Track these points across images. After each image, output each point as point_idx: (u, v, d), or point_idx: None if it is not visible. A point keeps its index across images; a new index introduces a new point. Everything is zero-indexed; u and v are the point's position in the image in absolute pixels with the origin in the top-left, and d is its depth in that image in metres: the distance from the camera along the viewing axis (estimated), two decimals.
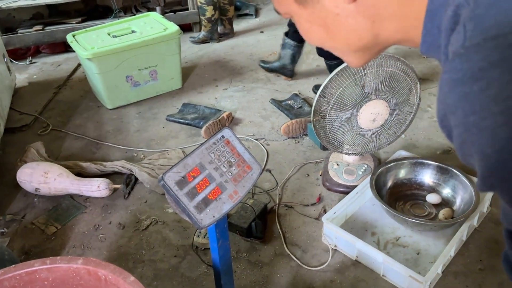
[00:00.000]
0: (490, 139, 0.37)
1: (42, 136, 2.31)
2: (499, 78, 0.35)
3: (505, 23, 0.36)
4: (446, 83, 0.40)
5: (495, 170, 0.39)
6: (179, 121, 2.35)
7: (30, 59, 3.22)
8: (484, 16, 0.38)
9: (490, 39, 0.36)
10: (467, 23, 0.39)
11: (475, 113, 0.37)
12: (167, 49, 2.53)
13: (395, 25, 0.49)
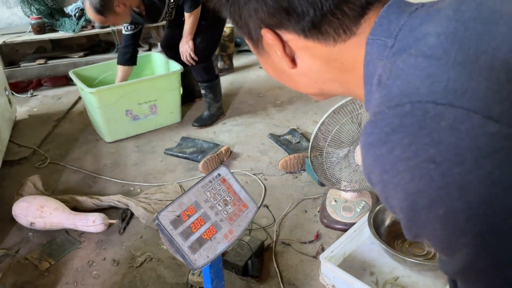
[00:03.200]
0: (403, 194, 0.42)
1: (40, 169, 2.31)
2: (400, 141, 0.40)
3: (405, 94, 0.42)
4: (363, 146, 0.45)
5: (413, 221, 0.43)
6: (177, 155, 2.35)
7: (32, 92, 3.26)
8: (390, 86, 0.44)
9: (392, 108, 0.42)
10: (379, 92, 0.46)
11: (387, 172, 0.42)
12: (168, 84, 2.57)
13: (337, 86, 0.56)
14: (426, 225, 0.43)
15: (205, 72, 2.57)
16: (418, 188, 0.40)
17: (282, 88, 3.20)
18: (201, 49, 2.46)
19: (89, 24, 3.33)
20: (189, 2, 2.30)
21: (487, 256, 0.41)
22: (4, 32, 3.28)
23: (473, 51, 0.42)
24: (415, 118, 0.40)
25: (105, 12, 2.15)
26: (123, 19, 2.29)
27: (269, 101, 3.00)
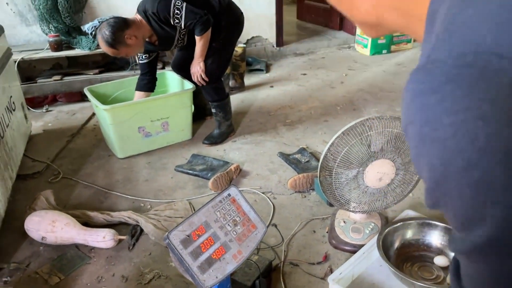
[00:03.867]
0: (439, 151, 0.38)
1: (53, 183, 2.34)
2: (453, 92, 0.37)
3: (469, 43, 0.38)
4: (408, 94, 0.41)
5: (440, 183, 0.40)
6: (188, 172, 2.38)
7: (47, 107, 3.33)
8: (455, 33, 0.39)
9: (453, 57, 0.38)
10: (441, 36, 0.41)
11: (429, 124, 0.38)
12: (180, 102, 2.61)
13: (397, 17, 0.50)
14: (453, 191, 0.39)
15: (215, 92, 2.61)
16: (458, 146, 0.37)
17: (292, 107, 3.22)
18: (211, 71, 2.50)
19: None
20: (199, 26, 2.35)
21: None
22: (22, 49, 3.37)
23: None
24: (475, 70, 0.36)
25: (117, 45, 2.22)
26: (136, 50, 2.36)
27: (279, 120, 3.02)
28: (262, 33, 4.26)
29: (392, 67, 4.03)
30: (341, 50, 4.62)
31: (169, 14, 2.27)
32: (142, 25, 2.32)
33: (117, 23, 2.23)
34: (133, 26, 2.28)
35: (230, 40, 2.59)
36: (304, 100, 3.34)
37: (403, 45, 4.47)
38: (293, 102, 3.31)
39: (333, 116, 3.05)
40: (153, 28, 2.34)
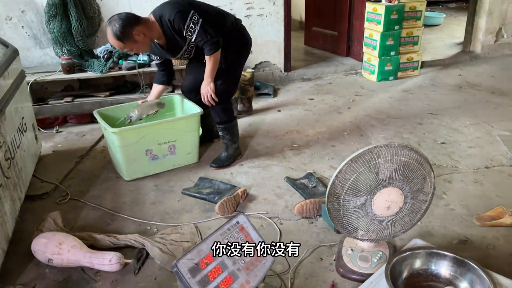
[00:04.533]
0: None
1: (61, 204, 2.36)
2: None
3: None
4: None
5: None
6: (194, 195, 2.38)
7: (57, 128, 3.37)
8: None
9: None
10: None
11: None
12: (187, 126, 2.64)
13: None
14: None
15: (224, 113, 2.64)
16: None
17: (299, 131, 3.24)
18: (221, 91, 2.54)
19: (116, 66, 3.48)
20: (208, 46, 2.39)
21: None
22: (35, 70, 3.44)
23: None
24: None
25: (124, 39, 2.26)
26: (142, 48, 2.39)
27: (286, 144, 3.03)
28: (270, 58, 4.32)
29: (398, 93, 4.05)
30: (348, 76, 4.67)
31: (183, 25, 2.31)
32: (153, 27, 2.36)
33: (128, 18, 2.27)
34: (144, 24, 2.32)
35: (239, 62, 2.64)
36: (311, 125, 3.36)
37: (409, 72, 4.51)
38: (300, 127, 3.33)
39: (340, 141, 3.05)
40: (165, 32, 2.39)
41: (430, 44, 5.64)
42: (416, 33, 4.37)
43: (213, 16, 2.46)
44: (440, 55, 5.13)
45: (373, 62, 4.39)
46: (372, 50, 4.34)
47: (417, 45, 4.44)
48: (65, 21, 3.35)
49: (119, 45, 2.30)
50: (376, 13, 4.17)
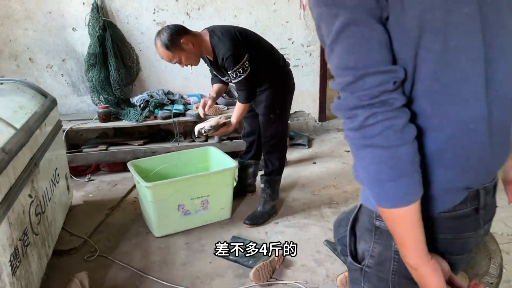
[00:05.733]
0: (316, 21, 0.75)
1: (89, 262, 2.26)
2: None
3: None
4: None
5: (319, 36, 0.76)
6: (228, 257, 2.23)
7: (89, 177, 3.34)
8: None
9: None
10: None
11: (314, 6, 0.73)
12: (222, 180, 2.54)
13: None
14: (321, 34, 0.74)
15: (277, 160, 2.57)
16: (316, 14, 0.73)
17: (336, 187, 3.08)
18: (279, 133, 2.53)
19: (152, 115, 3.47)
20: (242, 95, 2.36)
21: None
22: (72, 118, 3.48)
23: None
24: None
25: (172, 47, 2.21)
26: (191, 59, 2.31)
27: (323, 200, 2.87)
28: (305, 108, 4.24)
29: None
30: None
31: (232, 68, 2.26)
32: (203, 43, 2.31)
33: (177, 27, 2.26)
34: (193, 35, 2.28)
35: (286, 104, 2.58)
36: (350, 180, 3.19)
37: None
38: (338, 182, 3.17)
39: None
40: (214, 53, 2.33)
41: None
42: None
43: (265, 54, 2.43)
44: None
45: None
46: None
47: None
48: (104, 70, 3.40)
49: (168, 55, 2.25)
50: None
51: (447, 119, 0.73)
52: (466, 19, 0.69)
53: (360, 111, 0.69)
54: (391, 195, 0.71)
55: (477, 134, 0.75)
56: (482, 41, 0.71)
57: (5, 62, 3.39)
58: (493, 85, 0.74)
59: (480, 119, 0.74)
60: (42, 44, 3.41)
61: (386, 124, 0.68)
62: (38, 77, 3.49)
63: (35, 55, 3.43)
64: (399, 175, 0.70)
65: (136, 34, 3.57)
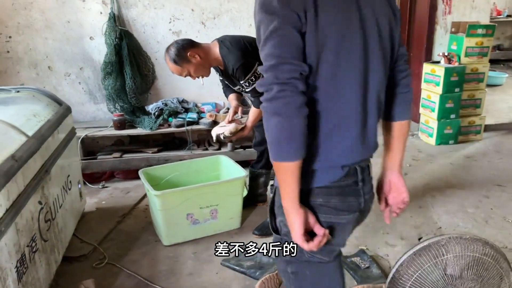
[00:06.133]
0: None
1: (97, 269, 2.27)
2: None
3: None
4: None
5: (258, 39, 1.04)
6: (234, 268, 2.21)
7: (103, 184, 3.38)
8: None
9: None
10: None
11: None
12: (231, 190, 2.52)
13: None
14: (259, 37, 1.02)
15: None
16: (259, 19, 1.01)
17: None
18: None
19: (166, 123, 3.49)
20: (257, 100, 2.32)
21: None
22: (88, 125, 3.53)
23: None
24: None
25: (180, 61, 2.23)
26: (200, 71, 2.31)
27: None
28: None
29: (460, 159, 3.75)
30: None
31: (244, 77, 2.24)
32: (212, 54, 2.30)
33: (183, 41, 2.28)
34: (199, 47, 2.29)
35: None
36: None
37: (471, 136, 4.19)
38: None
39: None
40: (224, 63, 2.33)
41: (493, 106, 5.29)
42: (478, 96, 4.11)
43: None
44: (505, 119, 4.77)
45: (431, 125, 4.14)
46: (430, 112, 4.11)
47: (479, 108, 4.15)
48: (120, 78, 3.45)
49: (177, 69, 2.27)
50: (435, 74, 3.98)
51: (335, 111, 1.05)
52: (353, 45, 1.03)
53: (275, 86, 0.97)
54: (284, 152, 1.00)
55: (354, 126, 1.08)
56: (363, 59, 1.05)
57: (25, 70, 3.48)
58: (368, 91, 1.08)
59: (357, 115, 1.07)
60: (60, 52, 3.49)
61: (289, 100, 0.96)
62: (57, 85, 3.56)
63: (54, 64, 3.51)
64: (291, 138, 0.98)
65: (152, 43, 3.61)
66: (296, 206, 1.04)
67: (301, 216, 1.04)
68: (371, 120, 1.11)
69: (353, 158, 1.10)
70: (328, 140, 1.06)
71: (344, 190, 1.11)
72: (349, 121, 1.07)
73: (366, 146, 1.13)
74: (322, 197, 1.10)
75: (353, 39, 1.02)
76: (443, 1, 4.14)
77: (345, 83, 1.04)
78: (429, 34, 4.21)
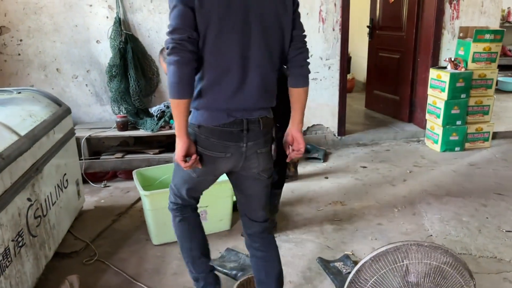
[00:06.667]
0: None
1: (86, 265, 2.34)
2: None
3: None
4: None
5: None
6: (217, 268, 2.24)
7: (105, 183, 3.47)
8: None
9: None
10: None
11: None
12: (221, 192, 2.56)
13: None
14: None
15: (277, 173, 2.53)
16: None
17: (344, 203, 3.01)
18: (277, 146, 2.48)
19: (167, 125, 3.56)
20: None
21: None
22: (93, 126, 3.64)
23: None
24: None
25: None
26: None
27: (327, 216, 2.82)
28: (323, 122, 4.19)
29: (463, 167, 3.68)
30: (409, 144, 4.37)
31: None
32: None
33: None
34: None
35: (287, 118, 2.54)
36: (359, 197, 3.12)
37: (479, 143, 4.11)
38: (346, 198, 3.10)
39: (389, 219, 2.78)
40: None
41: (505, 112, 5.16)
42: (486, 102, 4.02)
43: None
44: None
45: (436, 131, 4.08)
46: (436, 118, 4.05)
47: (487, 114, 4.06)
48: (124, 81, 3.54)
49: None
50: (440, 80, 3.92)
51: (217, 65, 1.43)
52: (233, 24, 1.40)
53: (170, 45, 1.36)
54: (175, 91, 1.37)
55: (233, 79, 1.44)
56: (242, 34, 1.42)
57: (35, 72, 3.62)
58: (248, 58, 1.44)
59: (235, 71, 1.44)
60: (68, 55, 3.61)
61: (180, 55, 1.35)
62: (64, 86, 3.69)
63: (62, 66, 3.64)
64: (180, 82, 1.37)
65: (157, 47, 3.69)
66: (181, 134, 1.44)
67: (184, 143, 1.45)
68: (250, 79, 1.46)
69: (233, 104, 1.46)
70: (213, 87, 1.44)
71: (225, 134, 1.47)
72: (229, 75, 1.43)
73: (247, 98, 1.47)
74: (205, 134, 1.48)
75: (232, 20, 1.39)
76: (451, 5, 4.08)
77: (226, 47, 1.41)
78: (436, 39, 4.16)
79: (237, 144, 1.50)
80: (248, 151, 1.53)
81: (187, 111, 1.41)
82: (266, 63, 1.48)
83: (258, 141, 1.55)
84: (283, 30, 1.49)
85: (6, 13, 3.45)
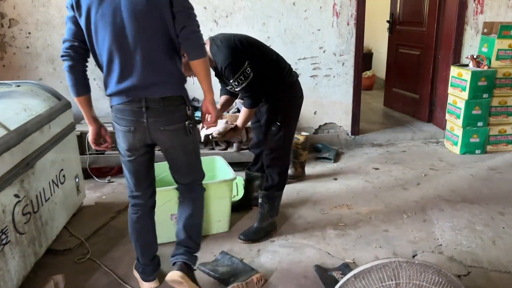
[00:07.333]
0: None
1: (78, 264, 2.30)
2: None
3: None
4: None
5: None
6: (209, 273, 2.15)
7: (109, 178, 3.44)
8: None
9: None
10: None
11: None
12: (218, 192, 2.47)
13: None
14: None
15: (278, 176, 2.45)
16: None
17: (350, 207, 2.87)
18: (280, 146, 2.41)
19: None
20: (248, 100, 2.32)
21: None
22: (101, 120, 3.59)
23: None
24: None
25: None
26: (188, 70, 2.16)
27: (331, 221, 2.69)
28: (336, 120, 4.04)
29: (483, 171, 3.46)
30: (427, 145, 4.15)
31: (233, 76, 2.20)
32: None
33: None
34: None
35: (289, 117, 2.44)
36: (367, 201, 2.97)
37: (502, 146, 3.87)
38: (354, 201, 2.95)
39: (397, 225, 2.62)
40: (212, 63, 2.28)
41: None
42: (511, 103, 3.77)
43: (268, 63, 2.35)
44: None
45: (456, 132, 3.86)
46: (456, 118, 3.83)
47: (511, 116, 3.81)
48: None
49: None
50: (461, 78, 3.70)
51: (100, 55, 1.72)
52: (105, 19, 1.64)
53: (61, 55, 1.73)
54: (72, 91, 1.78)
55: (115, 66, 1.70)
56: (113, 24, 1.64)
57: (43, 66, 3.61)
58: (126, 44, 1.66)
59: (115, 59, 1.69)
60: None
61: (66, 63, 1.72)
62: None
63: None
64: (71, 84, 1.76)
65: None
66: (89, 122, 1.90)
67: (93, 128, 1.93)
68: (134, 62, 1.68)
69: (123, 85, 1.70)
70: (107, 75, 1.74)
71: (126, 111, 1.74)
72: (114, 62, 1.68)
73: (134, 77, 1.69)
74: (115, 112, 1.80)
75: (104, 13, 1.62)
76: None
77: (102, 40, 1.66)
78: (457, 34, 3.93)
79: (138, 119, 1.74)
80: (151, 126, 1.76)
81: (87, 104, 1.84)
82: (148, 44, 1.66)
83: (160, 119, 1.75)
84: (160, 10, 1.63)
85: (15, 6, 3.45)
